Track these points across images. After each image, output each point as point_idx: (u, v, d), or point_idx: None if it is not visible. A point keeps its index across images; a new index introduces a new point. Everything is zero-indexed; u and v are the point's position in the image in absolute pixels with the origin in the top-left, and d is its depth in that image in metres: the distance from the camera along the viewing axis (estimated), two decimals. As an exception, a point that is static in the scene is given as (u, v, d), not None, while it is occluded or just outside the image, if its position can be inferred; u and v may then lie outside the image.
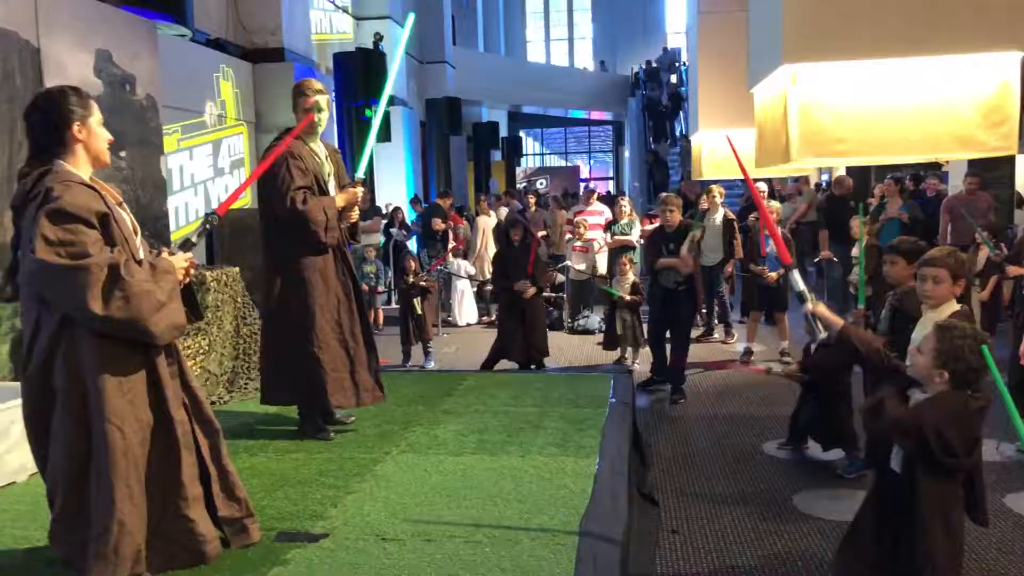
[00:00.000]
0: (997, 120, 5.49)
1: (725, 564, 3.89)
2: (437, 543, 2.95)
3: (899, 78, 5.68)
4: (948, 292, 3.10)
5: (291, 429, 4.41)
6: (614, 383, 5.38)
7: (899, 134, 5.55)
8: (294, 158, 4.15)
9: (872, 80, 5.62)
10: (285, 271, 4.23)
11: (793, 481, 4.94)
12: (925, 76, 5.62)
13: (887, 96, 5.63)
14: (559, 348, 9.01)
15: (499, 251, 7.39)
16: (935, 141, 5.53)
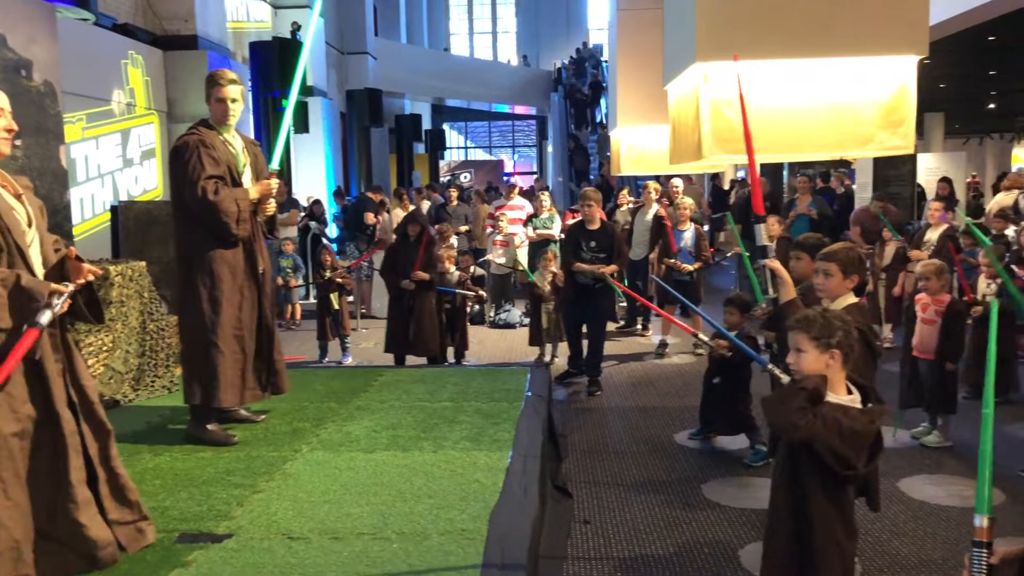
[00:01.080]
0: (896, 121, 5.71)
1: (635, 553, 3.96)
2: (344, 541, 2.93)
3: (806, 79, 5.86)
4: (840, 286, 3.21)
5: (198, 427, 4.30)
6: (531, 377, 5.42)
7: (806, 133, 5.73)
8: (206, 147, 4.04)
9: (780, 80, 5.78)
10: (194, 263, 4.12)
11: (703, 470, 5.06)
12: (830, 78, 5.81)
13: (795, 96, 5.80)
14: (480, 342, 9.03)
15: (392, 245, 7.33)
16: (839, 140, 5.72)
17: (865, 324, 3.16)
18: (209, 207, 3.98)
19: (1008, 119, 25.30)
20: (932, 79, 16.78)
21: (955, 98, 20.32)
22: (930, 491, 4.63)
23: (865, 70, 6.00)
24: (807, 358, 2.52)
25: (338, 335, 7.90)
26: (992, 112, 23.77)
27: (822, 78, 6.04)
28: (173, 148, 4.18)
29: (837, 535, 2.60)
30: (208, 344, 4.05)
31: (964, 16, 9.44)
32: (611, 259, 6.86)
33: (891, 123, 5.96)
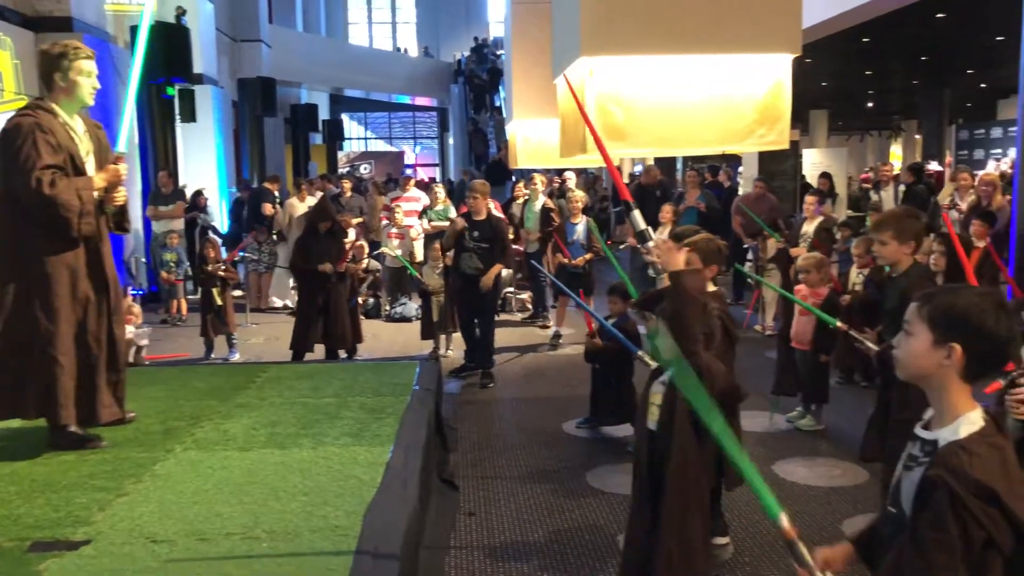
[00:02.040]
0: (773, 117, 5.93)
1: (518, 541, 3.99)
2: (212, 542, 2.84)
3: (688, 75, 6.00)
4: (704, 279, 3.35)
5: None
6: (420, 370, 5.38)
7: (687, 128, 5.88)
8: (43, 131, 3.61)
9: (663, 76, 5.91)
10: (26, 264, 3.67)
11: (589, 458, 5.15)
12: (711, 75, 5.97)
13: (677, 92, 5.94)
14: (375, 336, 8.92)
15: (302, 238, 7.19)
16: (719, 135, 5.90)
17: (723, 311, 3.29)
18: (45, 201, 3.55)
19: (886, 117, 26.75)
20: (815, 78, 17.59)
21: (837, 96, 21.34)
22: (802, 472, 4.84)
23: (743, 67, 6.19)
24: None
25: (224, 331, 7.67)
26: (871, 110, 25.06)
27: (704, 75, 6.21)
28: (2, 131, 3.69)
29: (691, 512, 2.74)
30: (43, 356, 3.64)
31: (839, 18, 9.89)
32: (494, 251, 6.88)
33: (768, 119, 6.18)
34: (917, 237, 3.79)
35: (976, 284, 5.84)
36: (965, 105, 22.33)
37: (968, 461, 1.59)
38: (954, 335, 1.65)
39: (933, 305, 1.70)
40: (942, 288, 1.76)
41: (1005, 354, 1.68)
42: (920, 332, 1.70)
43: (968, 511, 1.56)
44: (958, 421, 1.67)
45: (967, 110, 23.03)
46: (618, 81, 6.05)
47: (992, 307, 1.64)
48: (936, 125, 19.44)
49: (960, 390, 1.69)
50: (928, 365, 1.69)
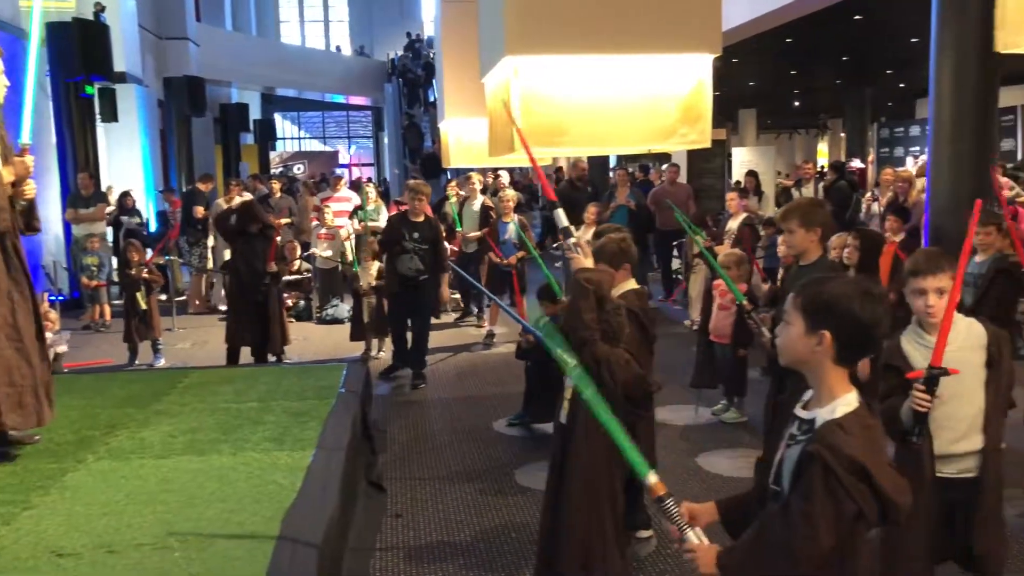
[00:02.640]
0: (694, 116, 6.01)
1: (443, 541, 3.99)
2: (120, 554, 2.76)
3: (611, 75, 6.06)
4: (611, 277, 3.42)
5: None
6: (346, 373, 5.33)
7: (612, 128, 5.93)
8: None
9: (588, 75, 5.95)
10: None
11: (518, 456, 5.17)
12: (634, 75, 6.04)
13: (601, 91, 5.99)
14: (305, 338, 8.81)
15: (230, 238, 7.07)
16: (643, 135, 5.96)
17: (640, 308, 3.34)
18: None
19: (812, 116, 27.45)
20: (743, 77, 17.97)
21: (765, 95, 21.82)
22: (724, 464, 4.94)
23: (666, 68, 6.29)
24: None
25: (148, 336, 7.47)
26: (799, 109, 25.70)
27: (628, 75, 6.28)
28: None
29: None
30: None
31: (760, 20, 10.11)
32: (435, 253, 6.88)
33: (690, 118, 6.27)
34: (823, 225, 3.91)
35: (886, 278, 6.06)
36: (887, 104, 23.07)
37: (844, 439, 1.69)
38: (823, 323, 1.74)
39: (805, 295, 1.80)
40: (815, 279, 1.84)
41: (874, 338, 1.77)
42: (795, 321, 1.80)
43: (841, 485, 1.66)
44: (835, 402, 1.76)
45: (888, 109, 23.80)
46: (543, 81, 6.07)
47: (858, 295, 1.73)
48: (859, 123, 20.04)
49: (835, 373, 1.78)
50: (803, 351, 1.79)
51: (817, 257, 3.91)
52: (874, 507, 1.68)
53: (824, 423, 1.74)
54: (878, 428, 1.77)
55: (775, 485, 1.86)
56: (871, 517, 1.69)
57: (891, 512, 1.70)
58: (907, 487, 1.73)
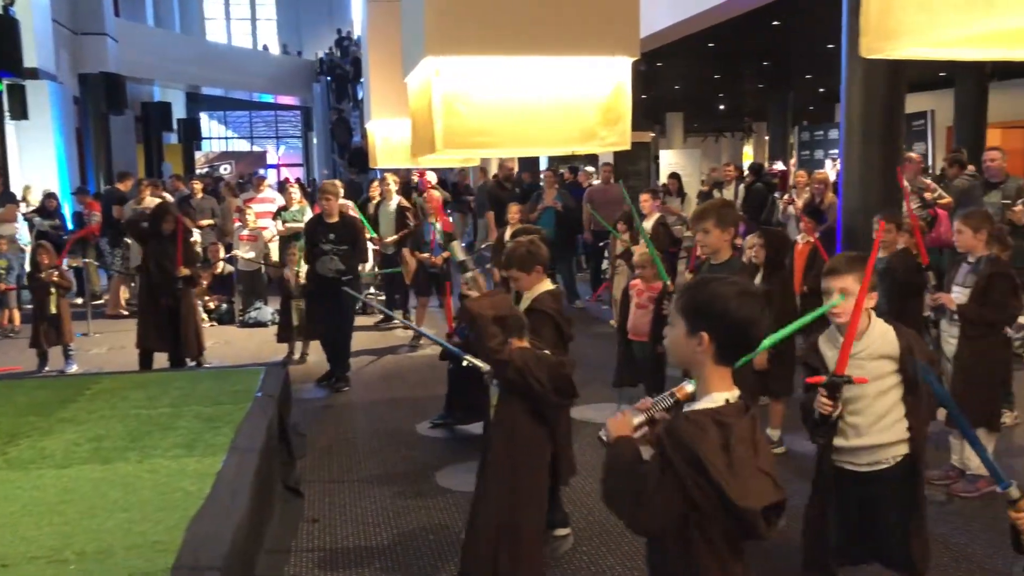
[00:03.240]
0: (614, 118, 6.06)
1: (361, 545, 3.95)
2: (14, 568, 2.66)
3: (532, 76, 6.06)
4: (526, 281, 3.53)
5: None
6: (264, 376, 5.24)
7: (532, 128, 5.94)
8: None
9: (508, 76, 5.95)
10: None
11: (440, 458, 5.15)
12: (555, 75, 6.05)
13: (522, 92, 5.99)
14: (227, 342, 8.63)
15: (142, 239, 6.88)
16: (563, 136, 5.98)
17: (555, 310, 3.38)
18: None
19: (738, 119, 28.08)
20: (669, 81, 18.28)
21: (691, 99, 22.23)
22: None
23: (586, 70, 6.35)
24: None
25: (59, 342, 7.21)
26: (724, 112, 26.27)
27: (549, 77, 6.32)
28: None
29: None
30: None
31: (681, 24, 10.30)
32: (355, 252, 6.81)
33: (610, 120, 6.33)
34: (736, 225, 4.03)
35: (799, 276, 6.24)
36: (807, 108, 23.74)
37: (686, 429, 1.73)
38: (702, 324, 1.77)
39: (685, 298, 1.84)
40: (697, 281, 1.89)
41: (751, 337, 1.81)
42: (678, 323, 1.84)
43: (673, 468, 1.70)
44: (705, 399, 1.80)
45: (809, 113, 24.50)
46: (464, 81, 6.06)
47: (734, 295, 1.77)
48: (781, 127, 20.58)
49: (716, 372, 1.82)
50: (686, 353, 1.83)
51: (729, 256, 4.01)
52: (712, 501, 1.69)
53: (677, 414, 1.80)
54: (741, 429, 1.73)
55: None
56: (714, 514, 1.70)
57: (735, 513, 1.68)
58: (762, 493, 1.69)
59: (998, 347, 4.28)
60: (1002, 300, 4.15)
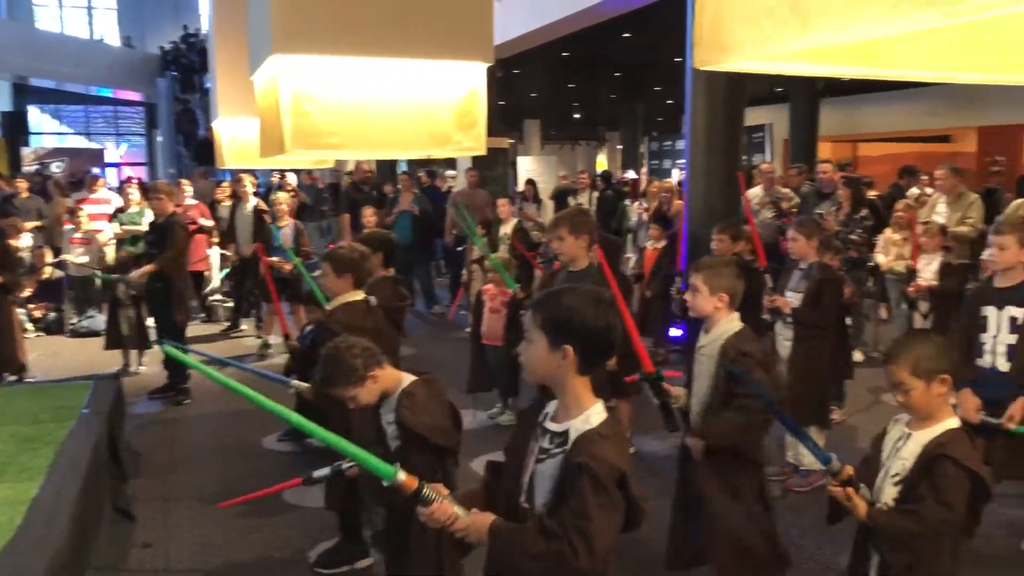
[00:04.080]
0: (469, 123, 6.05)
1: (200, 568, 3.72)
2: None
3: (385, 78, 5.95)
4: (336, 284, 3.62)
5: None
6: (92, 391, 4.85)
7: (385, 131, 5.84)
8: None
9: (360, 77, 5.82)
10: None
11: (288, 473, 4.92)
12: (408, 78, 5.97)
13: (374, 94, 5.87)
14: (54, 354, 8.00)
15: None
16: (417, 140, 5.92)
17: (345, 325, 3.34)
18: None
19: (592, 127, 28.89)
20: (526, 88, 18.54)
21: (548, 106, 22.67)
22: (498, 467, 4.99)
23: (441, 74, 6.30)
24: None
25: None
26: (580, 121, 26.96)
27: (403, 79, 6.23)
28: None
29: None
30: None
31: (536, 33, 10.46)
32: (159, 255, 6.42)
33: (465, 125, 6.32)
34: (590, 232, 4.07)
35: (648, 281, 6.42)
36: (657, 119, 24.72)
37: (605, 446, 1.70)
38: (564, 337, 1.74)
39: (543, 313, 1.80)
40: (548, 294, 1.86)
41: (610, 343, 1.80)
42: (537, 338, 1.79)
43: (608, 494, 1.67)
44: (588, 412, 1.78)
45: (658, 124, 25.52)
46: (314, 80, 5.87)
47: (590, 304, 1.75)
48: (633, 137, 21.31)
49: (581, 384, 1.80)
50: (548, 368, 1.79)
51: (587, 264, 4.04)
52: (624, 514, 1.71)
53: (583, 433, 1.74)
54: (624, 436, 1.82)
55: (526, 503, 1.84)
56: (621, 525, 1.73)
57: (638, 518, 1.74)
58: (646, 494, 1.77)
59: (828, 349, 4.54)
60: (830, 305, 4.41)
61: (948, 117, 17.01)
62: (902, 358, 2.23)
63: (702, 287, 2.90)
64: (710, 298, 2.89)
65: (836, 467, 2.20)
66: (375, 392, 2.64)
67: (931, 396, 2.21)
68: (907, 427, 2.30)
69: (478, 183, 10.38)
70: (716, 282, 2.88)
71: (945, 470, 2.13)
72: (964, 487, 2.12)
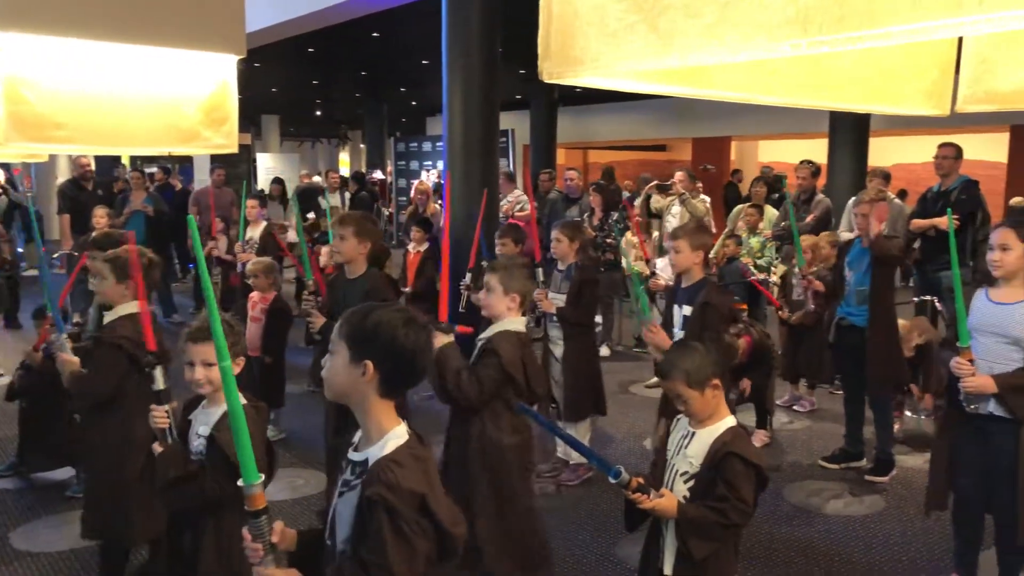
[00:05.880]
0: (219, 118, 5.64)
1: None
2: None
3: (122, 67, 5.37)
4: (112, 290, 3.23)
5: None
6: None
7: (122, 125, 5.27)
8: None
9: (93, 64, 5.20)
10: None
11: (14, 516, 4.29)
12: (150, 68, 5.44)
13: (110, 84, 5.28)
14: None
15: None
16: (161, 135, 5.41)
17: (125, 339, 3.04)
18: None
19: (335, 125, 28.36)
20: (265, 83, 17.76)
21: (288, 102, 21.90)
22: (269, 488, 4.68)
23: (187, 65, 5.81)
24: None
25: None
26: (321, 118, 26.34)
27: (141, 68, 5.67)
28: None
29: None
30: None
31: (282, 26, 10.03)
32: None
33: (215, 121, 5.88)
34: (375, 237, 3.94)
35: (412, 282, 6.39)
36: (401, 120, 24.80)
37: (400, 473, 1.60)
38: (366, 352, 1.65)
39: (349, 323, 1.69)
40: (361, 308, 1.74)
41: (417, 367, 1.72)
42: (340, 350, 1.68)
43: (407, 524, 1.57)
44: (385, 438, 1.68)
45: (403, 124, 25.62)
46: (35, 64, 5.15)
47: (401, 323, 1.67)
48: (378, 136, 21.17)
49: (382, 407, 1.70)
50: (347, 383, 1.68)
51: (364, 270, 3.90)
52: (434, 541, 1.62)
53: (376, 461, 1.64)
54: (430, 460, 1.71)
55: (328, 539, 1.71)
56: (431, 553, 1.62)
57: (449, 544, 1.65)
58: (461, 518, 1.70)
59: (589, 347, 4.78)
60: (591, 302, 4.65)
61: (666, 128, 18.78)
62: (674, 373, 2.37)
63: (497, 287, 2.92)
64: (504, 298, 2.92)
65: (625, 479, 2.27)
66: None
67: (707, 400, 2.38)
68: (690, 426, 2.45)
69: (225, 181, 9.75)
70: (510, 283, 2.92)
71: (734, 466, 2.29)
72: (751, 480, 2.30)
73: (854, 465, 4.79)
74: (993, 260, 2.99)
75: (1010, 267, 2.96)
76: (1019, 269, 2.96)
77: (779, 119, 15.05)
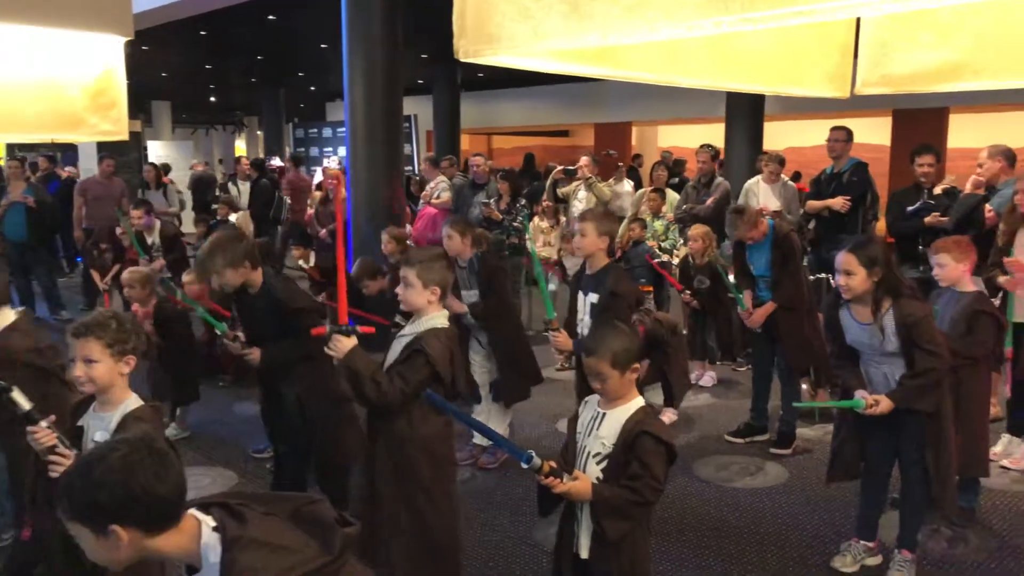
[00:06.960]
0: (106, 103, 5.34)
1: None
2: None
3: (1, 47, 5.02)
4: None
5: None
6: None
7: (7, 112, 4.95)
8: None
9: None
10: None
11: None
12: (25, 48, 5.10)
13: (-6, 68, 4.93)
14: None
15: None
16: (41, 121, 5.09)
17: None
18: None
19: (229, 112, 27.43)
20: (155, 67, 16.98)
21: (180, 88, 21.03)
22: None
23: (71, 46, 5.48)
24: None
25: None
26: (215, 104, 25.42)
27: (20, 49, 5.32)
28: None
29: None
30: None
31: (173, 7, 9.60)
32: None
33: (101, 106, 5.56)
34: (248, 257, 3.68)
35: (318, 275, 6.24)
36: (299, 106, 24.17)
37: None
38: (104, 519, 1.40)
39: (70, 500, 1.44)
40: (73, 478, 1.46)
41: (181, 491, 1.48)
42: (78, 531, 1.46)
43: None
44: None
45: (301, 110, 24.98)
46: None
47: (120, 465, 1.42)
48: (275, 123, 20.59)
49: (166, 540, 1.45)
50: (114, 558, 1.45)
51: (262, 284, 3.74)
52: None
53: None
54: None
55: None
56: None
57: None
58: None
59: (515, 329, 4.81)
60: (501, 291, 4.65)
61: (569, 114, 18.95)
62: (601, 351, 2.39)
63: (415, 281, 2.84)
64: (423, 292, 2.84)
65: (537, 464, 2.27)
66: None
67: (624, 382, 2.42)
68: (599, 407, 2.47)
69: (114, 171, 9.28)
70: (428, 276, 2.84)
71: (647, 445, 2.33)
72: (663, 458, 2.35)
73: (758, 439, 4.96)
74: (840, 284, 3.19)
75: (856, 290, 3.14)
76: (866, 291, 3.14)
77: (678, 105, 15.38)
